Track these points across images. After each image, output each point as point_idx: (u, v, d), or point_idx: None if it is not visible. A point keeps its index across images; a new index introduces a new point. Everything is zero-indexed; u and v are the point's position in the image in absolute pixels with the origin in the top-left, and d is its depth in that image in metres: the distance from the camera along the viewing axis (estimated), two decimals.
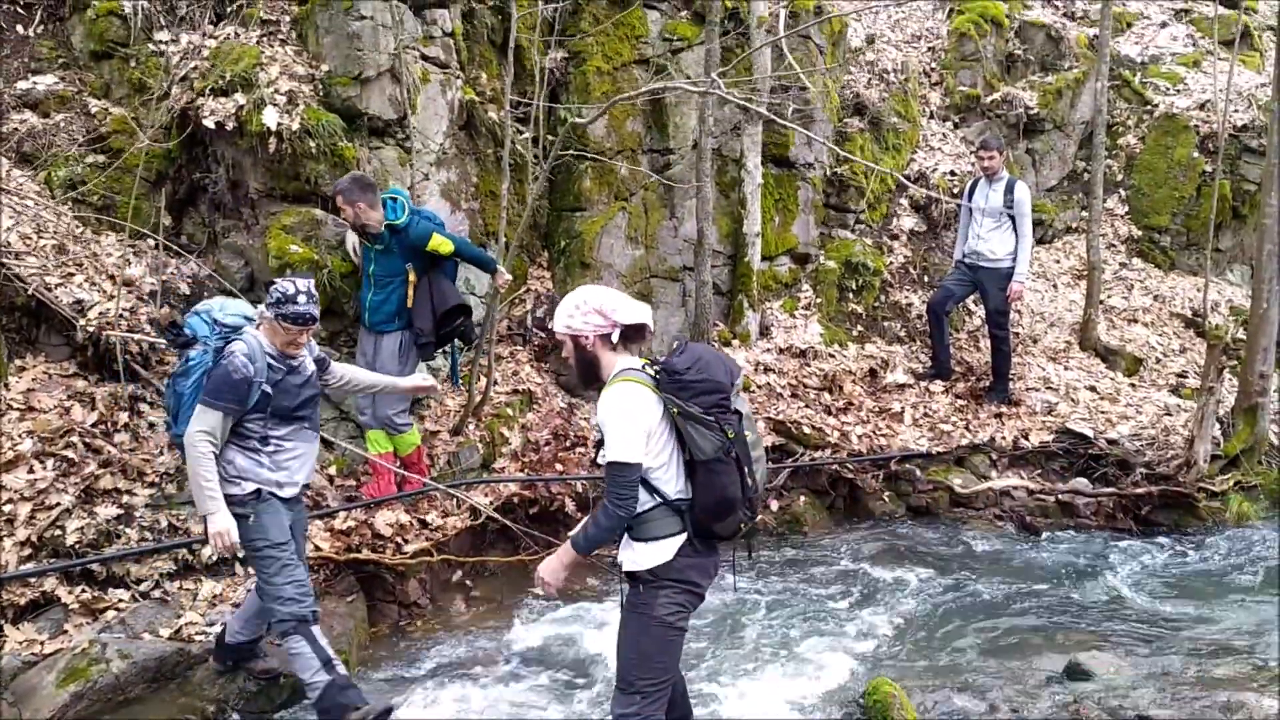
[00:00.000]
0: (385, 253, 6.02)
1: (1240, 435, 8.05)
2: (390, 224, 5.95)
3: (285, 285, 4.35)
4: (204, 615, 5.22)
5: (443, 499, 6.53)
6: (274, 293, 4.34)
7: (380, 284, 6.10)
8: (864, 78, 10.06)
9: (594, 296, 3.68)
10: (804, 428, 8.01)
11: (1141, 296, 10.78)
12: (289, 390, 4.47)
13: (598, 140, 8.07)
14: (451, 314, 6.27)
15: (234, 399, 4.30)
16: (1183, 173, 11.24)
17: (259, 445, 4.46)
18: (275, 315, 4.32)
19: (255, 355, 4.33)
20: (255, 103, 6.09)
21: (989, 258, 8.53)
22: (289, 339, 4.40)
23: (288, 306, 4.31)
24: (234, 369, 4.28)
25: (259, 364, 4.33)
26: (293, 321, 4.33)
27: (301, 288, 4.35)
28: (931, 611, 6.20)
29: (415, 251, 6.05)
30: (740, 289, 8.69)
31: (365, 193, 5.86)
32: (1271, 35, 11.66)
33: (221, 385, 4.28)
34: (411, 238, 6.00)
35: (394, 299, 6.12)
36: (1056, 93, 11.10)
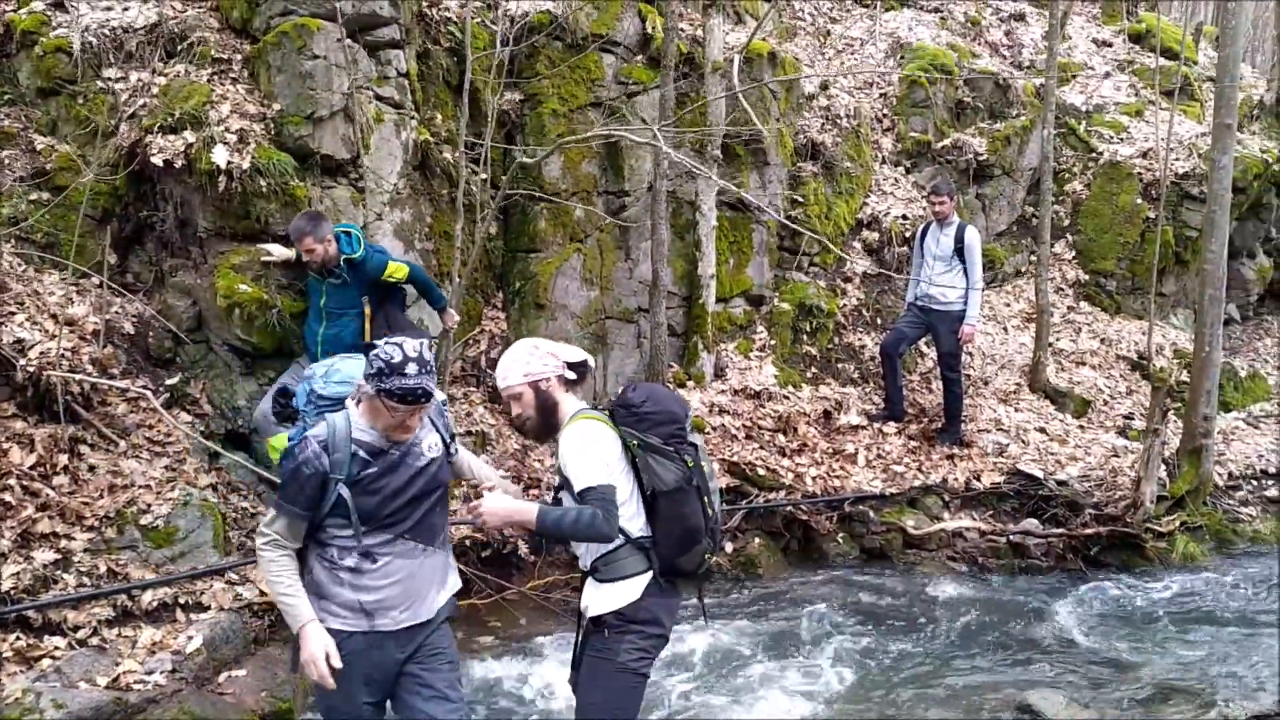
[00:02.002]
0: (341, 287, 5.96)
1: (1185, 476, 8.16)
2: (348, 258, 5.91)
3: (389, 351, 3.30)
4: (143, 663, 5.05)
5: None
6: (375, 360, 3.32)
7: (334, 318, 6.02)
8: (817, 122, 10.19)
9: (540, 342, 3.78)
10: (758, 469, 8.00)
11: (1089, 339, 10.96)
12: (382, 489, 3.42)
13: (553, 182, 8.09)
14: None
15: (303, 502, 3.37)
16: (1127, 219, 11.48)
17: (339, 558, 3.44)
18: (377, 390, 3.31)
19: (335, 443, 3.38)
20: (205, 141, 6.04)
21: (940, 301, 8.64)
22: (396, 422, 3.37)
23: (393, 380, 3.27)
24: (303, 462, 3.36)
25: (338, 455, 3.36)
26: (400, 399, 3.29)
27: (410, 353, 3.31)
28: (884, 653, 6.18)
29: (371, 283, 6.01)
30: (695, 331, 8.71)
31: (329, 227, 5.87)
32: (1210, 86, 11.99)
33: (289, 483, 3.40)
34: (369, 270, 5.96)
35: (349, 332, 6.03)
36: (1005, 140, 11.32)
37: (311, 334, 6.10)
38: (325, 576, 3.45)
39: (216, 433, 6.27)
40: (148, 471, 5.85)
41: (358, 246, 5.95)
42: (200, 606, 5.49)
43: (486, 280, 8.25)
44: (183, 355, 6.41)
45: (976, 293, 8.60)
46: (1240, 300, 12.41)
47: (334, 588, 3.44)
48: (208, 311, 6.31)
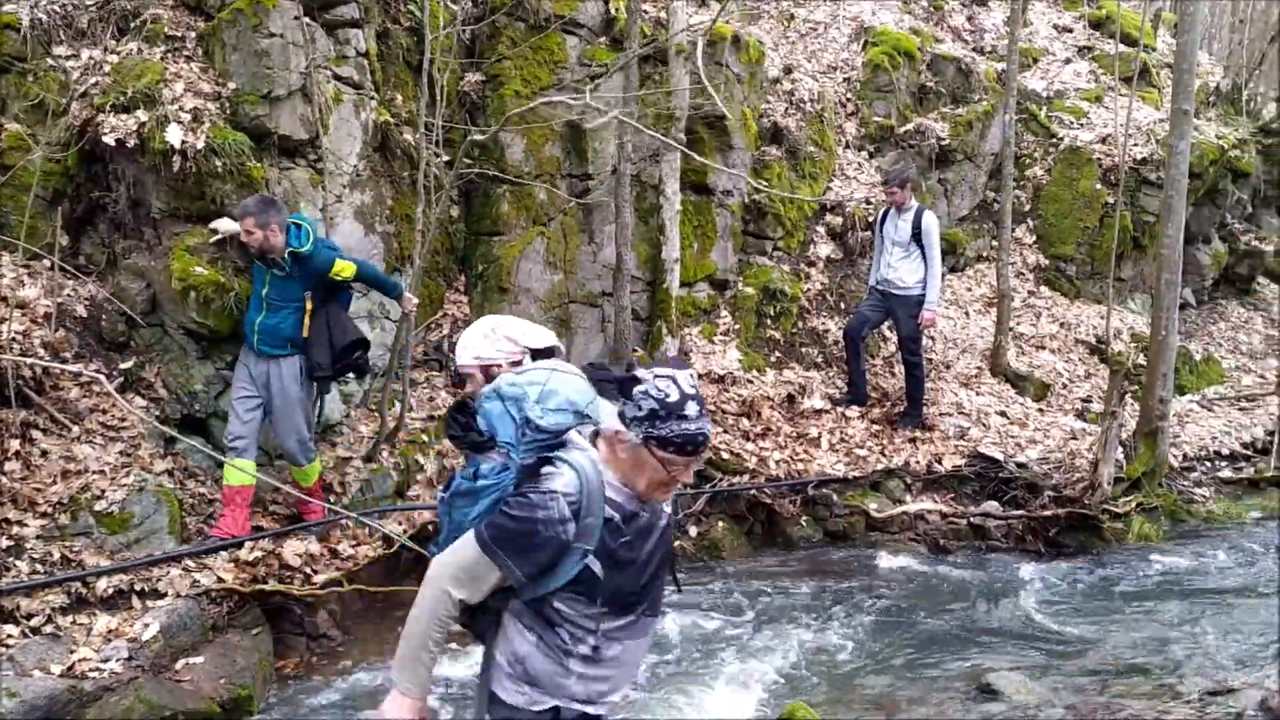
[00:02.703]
0: (286, 279, 5.79)
1: (1142, 458, 8.27)
2: (294, 251, 5.72)
3: (662, 388, 2.60)
4: (98, 651, 4.97)
5: (355, 527, 6.37)
6: (644, 400, 2.60)
7: (274, 308, 5.83)
8: (781, 107, 10.18)
9: (502, 324, 3.66)
10: (722, 453, 8.01)
11: (1049, 324, 11.07)
12: (633, 562, 2.73)
13: (515, 164, 8.03)
14: (349, 348, 6.08)
15: (528, 566, 2.64)
16: (1086, 204, 11.60)
17: (570, 643, 2.73)
18: (646, 437, 2.60)
19: (589, 506, 2.65)
20: (158, 120, 5.90)
21: (899, 286, 8.68)
22: (666, 478, 2.66)
23: (671, 425, 2.58)
24: (544, 522, 2.62)
25: (590, 520, 2.64)
26: (679, 449, 2.60)
27: (688, 389, 2.62)
28: (847, 635, 6.22)
29: (316, 279, 5.87)
30: (659, 315, 8.69)
31: (277, 214, 5.67)
32: (1169, 73, 12.12)
33: (518, 535, 2.62)
34: (315, 265, 5.80)
35: (289, 324, 5.86)
36: (967, 124, 11.38)
37: (249, 321, 5.90)
38: (548, 665, 2.74)
39: (172, 417, 6.16)
40: (102, 457, 5.75)
41: (306, 241, 5.75)
42: (157, 593, 5.41)
43: (449, 263, 8.17)
44: (137, 339, 6.29)
45: (936, 277, 8.64)
46: (1196, 285, 12.59)
47: (559, 679, 2.75)
48: (162, 294, 6.19)
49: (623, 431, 2.64)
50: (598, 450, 2.75)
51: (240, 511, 5.85)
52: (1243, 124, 12.98)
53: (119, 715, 4.64)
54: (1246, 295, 13.44)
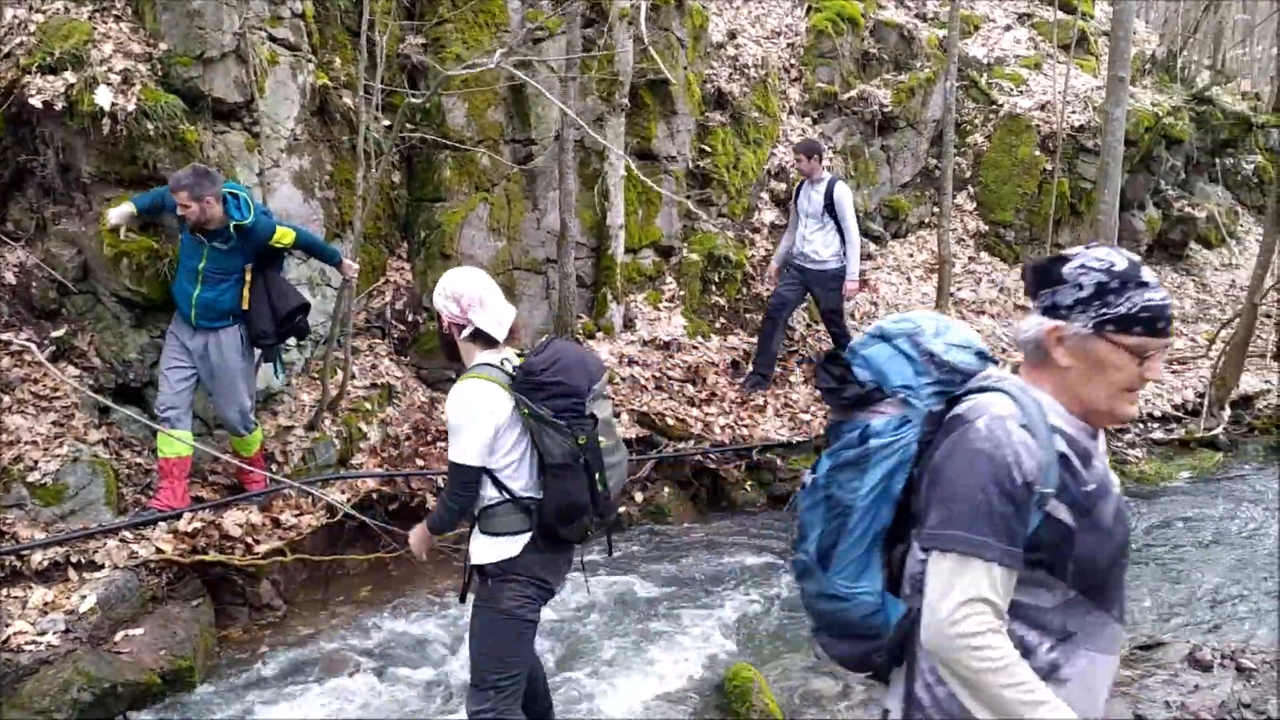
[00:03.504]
0: (227, 253, 5.64)
1: None
2: (239, 224, 5.56)
3: (1103, 258, 2.02)
4: (34, 624, 4.89)
5: (297, 496, 6.31)
6: (1081, 275, 2.01)
7: (213, 282, 5.67)
8: (725, 72, 10.16)
9: (459, 284, 3.59)
10: (667, 419, 8.04)
11: (989, 289, 11.24)
12: (1100, 523, 2.02)
13: (457, 130, 7.93)
14: (291, 313, 5.98)
15: (1007, 532, 1.93)
16: (1025, 171, 11.76)
17: (1032, 644, 2.01)
18: (1098, 323, 1.99)
19: (1038, 433, 1.99)
20: (86, 82, 5.73)
21: (814, 260, 8.63)
22: (1130, 379, 2.02)
23: (1132, 295, 1.98)
24: (1004, 460, 1.95)
25: (1044, 457, 1.97)
26: (1150, 326, 1.98)
27: (1133, 256, 2.05)
28: (791, 596, 6.30)
29: (257, 249, 5.75)
30: (604, 281, 8.67)
31: (213, 186, 5.47)
32: (1106, 40, 12.28)
33: (981, 501, 1.93)
34: (258, 236, 5.66)
35: (229, 297, 5.73)
36: (909, 91, 11.45)
37: (184, 295, 5.72)
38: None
39: (106, 387, 6.03)
40: (34, 427, 5.63)
41: (248, 212, 5.60)
42: (94, 565, 5.32)
43: (391, 230, 8.07)
44: (69, 307, 6.14)
45: (854, 248, 8.53)
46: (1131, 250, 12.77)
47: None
48: (94, 261, 6.04)
49: (1062, 326, 2.01)
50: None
51: (178, 483, 5.76)
52: (1177, 91, 13.21)
53: (56, 688, 4.57)
54: (1179, 261, 13.75)
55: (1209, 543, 7.15)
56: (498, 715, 3.52)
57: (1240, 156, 14.87)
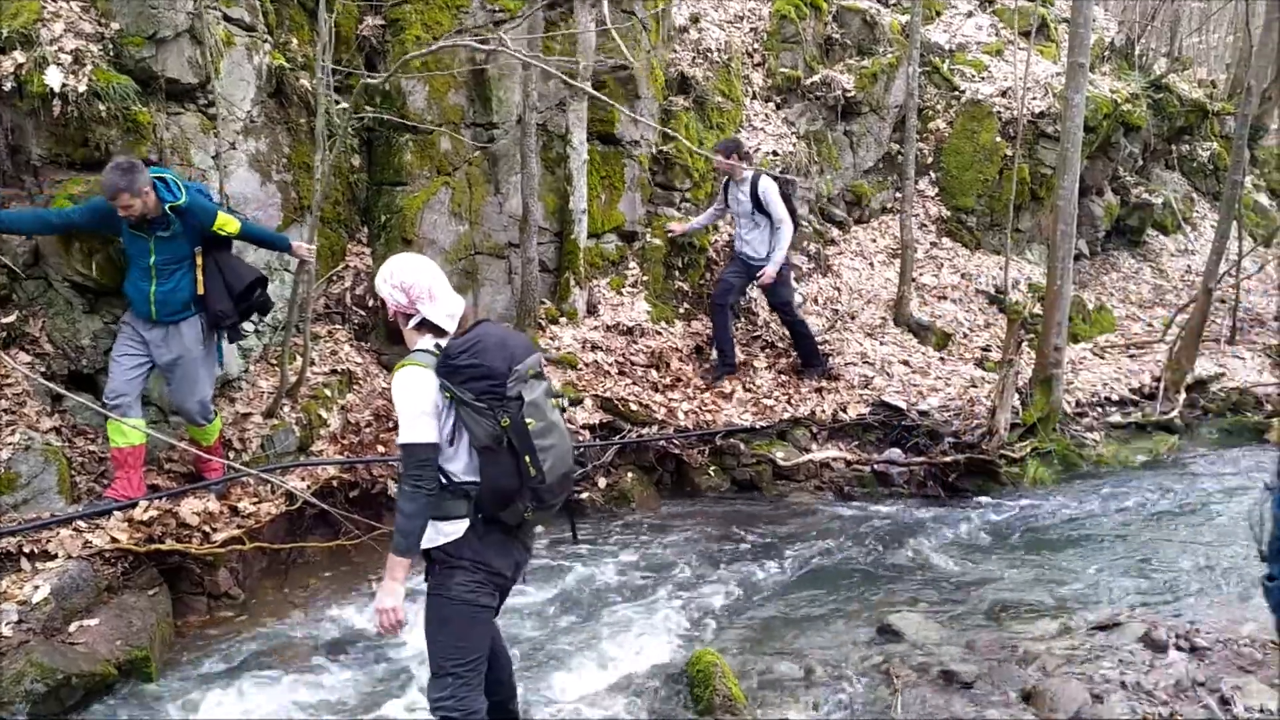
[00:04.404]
0: (171, 239, 5.53)
1: (1037, 404, 8.54)
2: (174, 206, 5.44)
3: None
4: None
5: (256, 484, 6.24)
6: None
7: (165, 273, 5.58)
8: (688, 56, 10.12)
9: (407, 274, 3.57)
10: (631, 405, 8.03)
11: (950, 274, 11.30)
12: None
13: (418, 113, 7.85)
14: (248, 290, 5.89)
15: None
16: (987, 157, 11.83)
17: None
18: None
19: None
20: (36, 61, 5.59)
21: (754, 258, 8.67)
22: None
23: None
24: None
25: None
26: None
27: None
28: (754, 581, 6.33)
29: (200, 232, 5.64)
30: (567, 266, 8.63)
31: (143, 175, 5.32)
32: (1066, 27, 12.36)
33: None
34: (196, 215, 5.55)
35: (184, 285, 5.65)
36: (872, 77, 11.47)
37: (140, 294, 5.62)
38: None
39: (59, 374, 5.92)
40: None
41: (180, 193, 5.48)
42: (47, 555, 5.23)
43: (351, 214, 7.99)
44: (19, 292, 6.00)
45: (781, 239, 8.47)
46: (1090, 236, 12.97)
47: None
48: (45, 245, 5.90)
49: None
50: None
51: (133, 473, 5.66)
52: (1135, 79, 13.33)
53: (9, 680, 4.49)
54: (1137, 246, 13.91)
55: (1165, 524, 7.26)
56: (458, 702, 3.50)
57: (1196, 143, 15.05)
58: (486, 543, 3.53)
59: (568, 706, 4.75)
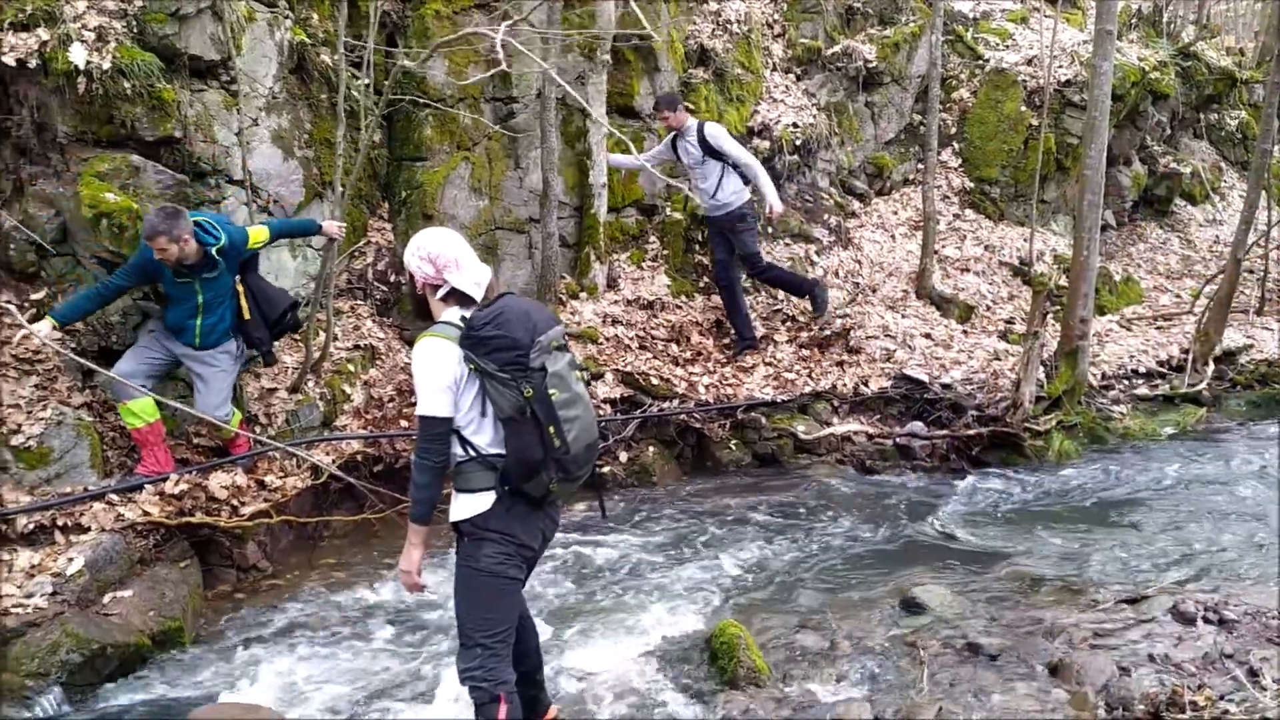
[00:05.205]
0: (216, 278, 5.68)
1: (1062, 377, 8.49)
2: (219, 249, 5.56)
3: None
4: (21, 587, 4.88)
5: (282, 458, 6.30)
6: None
7: (211, 309, 5.76)
8: (708, 28, 10.06)
9: (434, 245, 3.60)
10: (652, 379, 8.05)
11: (973, 246, 11.23)
12: None
13: (438, 87, 7.84)
14: (281, 315, 6.09)
15: None
16: (1011, 126, 11.71)
17: None
18: None
19: None
20: (60, 39, 5.63)
21: (718, 206, 8.52)
22: None
23: None
24: None
25: None
26: None
27: None
28: (777, 554, 6.34)
29: (238, 259, 5.77)
30: (587, 241, 8.63)
31: (186, 222, 5.41)
32: None
33: None
34: (237, 250, 5.69)
35: (228, 316, 5.86)
36: (894, 46, 11.36)
37: (188, 328, 5.76)
38: None
39: (89, 349, 5.99)
40: (17, 390, 5.59)
41: (221, 235, 5.59)
42: (80, 528, 5.32)
43: (371, 190, 8.01)
44: (48, 269, 6.07)
45: (759, 172, 8.36)
46: (1116, 207, 12.85)
47: None
48: (73, 222, 5.97)
49: None
50: None
51: (158, 449, 5.76)
52: (1163, 46, 13.15)
53: (45, 650, 4.58)
54: (1164, 216, 13.76)
55: (1192, 497, 7.22)
56: (486, 673, 3.54)
57: (1224, 112, 14.85)
58: (513, 515, 3.55)
59: (593, 677, 4.79)
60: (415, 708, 4.57)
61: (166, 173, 6.05)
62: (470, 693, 3.57)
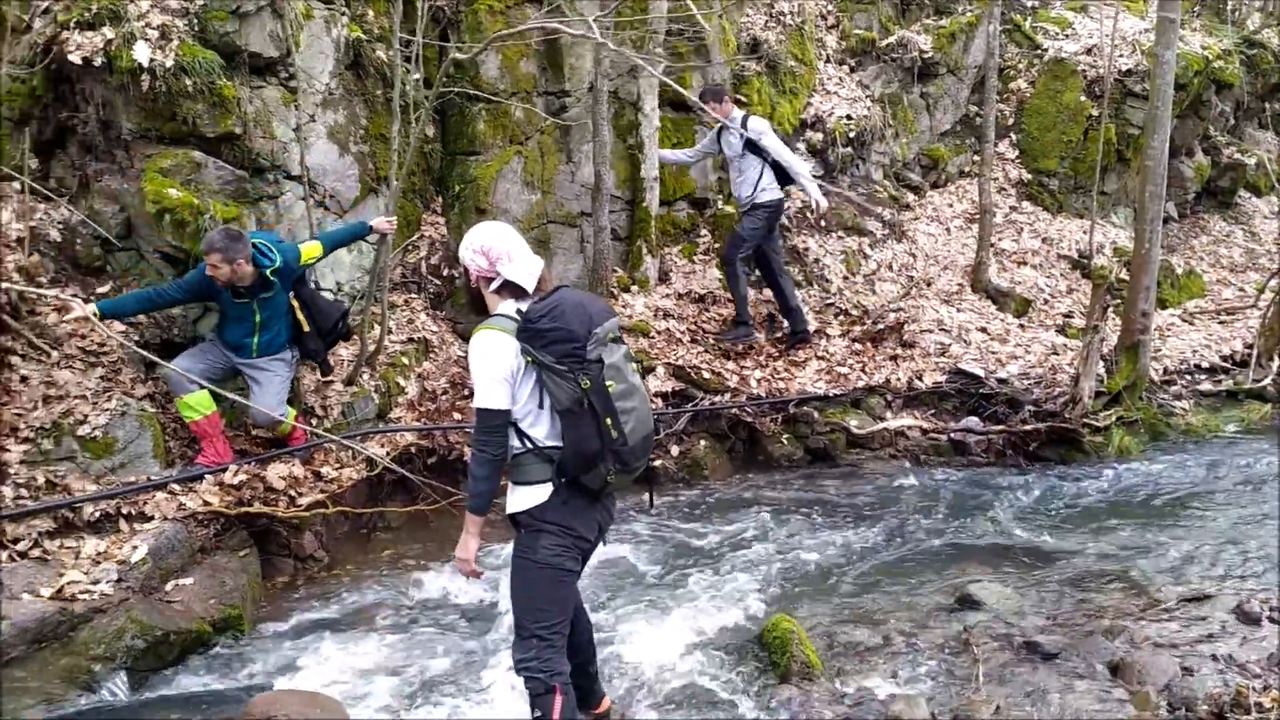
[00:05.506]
0: (273, 297, 5.80)
1: (1123, 372, 8.33)
2: (274, 270, 5.68)
3: None
4: (88, 573, 5.00)
5: (337, 450, 6.38)
6: None
7: (268, 326, 5.89)
8: (761, 20, 10.00)
9: (487, 239, 3.62)
10: (703, 372, 8.03)
11: (1031, 239, 11.06)
12: None
13: (491, 82, 7.88)
14: (334, 325, 6.22)
15: None
16: (1070, 117, 11.52)
17: None
18: None
19: None
20: (125, 37, 5.75)
21: (741, 199, 8.40)
22: None
23: None
24: None
25: None
26: None
27: None
28: (828, 549, 6.31)
29: (292, 276, 5.89)
30: (639, 234, 8.63)
31: (244, 246, 5.53)
32: None
33: None
34: (291, 268, 5.80)
35: (284, 331, 5.99)
36: (950, 36, 11.22)
37: (245, 345, 5.89)
38: None
39: (151, 342, 6.11)
40: (83, 382, 5.72)
41: (276, 256, 5.70)
42: (144, 517, 5.43)
43: (425, 184, 8.07)
44: (113, 263, 6.21)
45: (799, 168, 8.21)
46: (1178, 199, 12.58)
47: None
48: (137, 217, 6.09)
49: None
50: None
51: (217, 441, 5.87)
52: (1227, 34, 12.84)
53: (110, 635, 4.69)
54: (1228, 209, 13.45)
55: (1256, 494, 7.06)
56: (542, 663, 3.56)
57: None
58: (570, 507, 3.57)
59: (644, 670, 4.80)
60: (471, 697, 4.61)
61: (227, 168, 6.16)
62: (526, 683, 3.60)
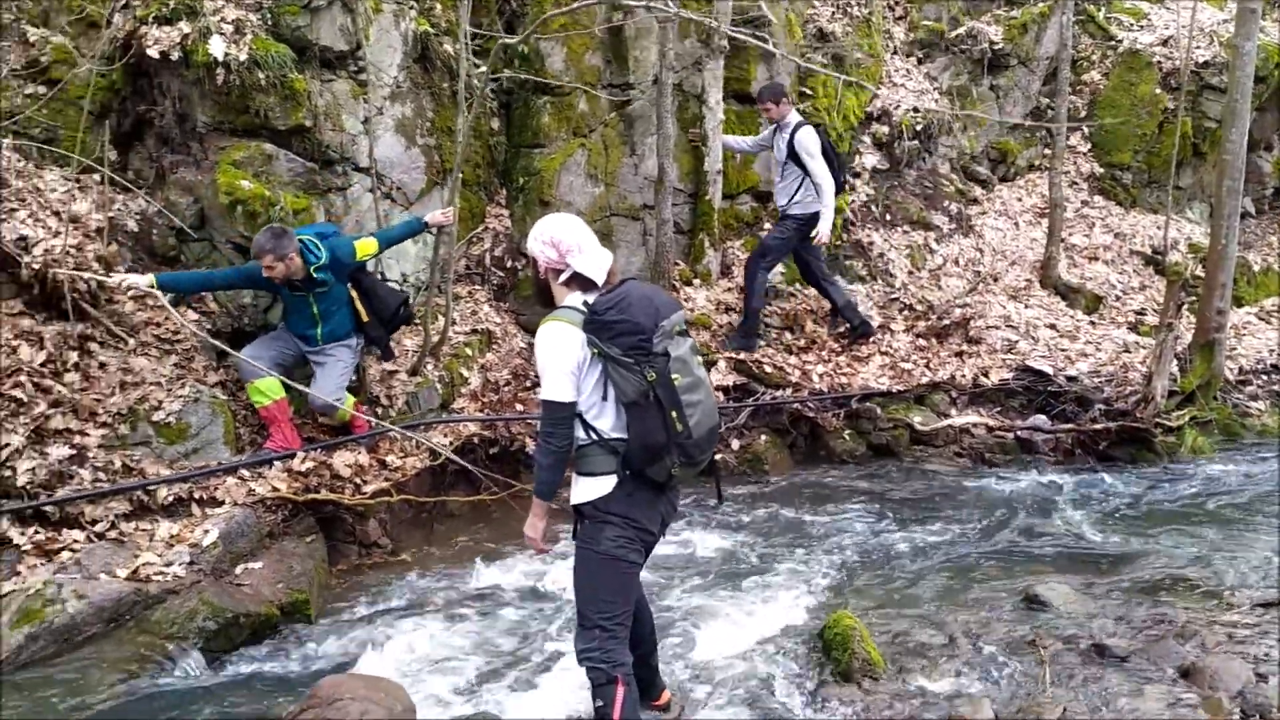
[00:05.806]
0: (328, 291, 5.95)
1: (1197, 371, 8.13)
2: (319, 267, 5.81)
3: None
4: (161, 556, 5.14)
5: (402, 440, 6.47)
6: None
7: (329, 316, 6.05)
8: (827, 11, 9.90)
9: (557, 230, 3.62)
10: (765, 367, 8.00)
11: (1102, 234, 10.83)
12: None
13: (555, 74, 7.91)
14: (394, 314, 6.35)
15: None
16: (1145, 110, 11.25)
17: None
18: None
19: None
20: (200, 31, 5.88)
21: (780, 205, 8.32)
22: None
23: None
24: None
25: None
26: None
27: None
28: (892, 546, 6.24)
29: (347, 270, 6.01)
30: (701, 227, 8.61)
31: (291, 241, 5.68)
32: None
33: None
34: (343, 261, 5.92)
35: (345, 319, 6.14)
36: (1021, 27, 11.01)
37: (309, 335, 6.06)
38: None
39: (223, 330, 6.26)
40: (158, 369, 5.86)
41: (323, 252, 5.82)
42: (215, 501, 5.56)
43: (490, 177, 8.13)
44: (187, 253, 6.36)
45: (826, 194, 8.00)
46: (1256, 194, 12.23)
47: None
48: (210, 209, 6.23)
49: None
50: None
51: (285, 427, 5.98)
52: None
53: (183, 616, 4.80)
54: None
55: None
56: (604, 654, 3.57)
57: None
58: (634, 499, 3.57)
59: (704, 664, 4.79)
60: (531, 686, 4.64)
61: (297, 160, 6.27)
62: (588, 673, 3.61)
